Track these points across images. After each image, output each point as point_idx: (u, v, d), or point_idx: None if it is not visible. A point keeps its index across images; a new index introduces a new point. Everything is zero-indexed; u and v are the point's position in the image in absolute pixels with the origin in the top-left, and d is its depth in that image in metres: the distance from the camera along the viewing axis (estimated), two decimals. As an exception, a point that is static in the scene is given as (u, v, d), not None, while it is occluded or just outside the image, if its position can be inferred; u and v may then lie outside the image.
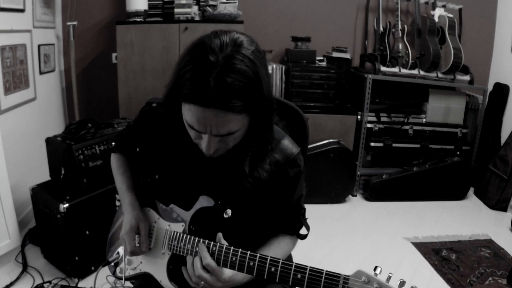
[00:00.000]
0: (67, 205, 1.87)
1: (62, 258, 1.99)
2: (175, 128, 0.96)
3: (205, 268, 0.90)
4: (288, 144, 1.00)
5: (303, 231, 1.10)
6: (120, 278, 1.11)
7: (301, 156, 1.03)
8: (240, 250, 0.91)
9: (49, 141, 2.04)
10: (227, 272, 0.91)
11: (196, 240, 0.96)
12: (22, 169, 2.38)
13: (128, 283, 1.15)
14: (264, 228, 1.07)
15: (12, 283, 1.93)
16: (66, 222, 1.88)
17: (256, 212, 1.02)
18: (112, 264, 1.11)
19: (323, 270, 0.83)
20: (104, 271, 2.06)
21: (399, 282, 0.78)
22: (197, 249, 0.94)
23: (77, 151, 1.95)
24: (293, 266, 0.86)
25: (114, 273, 1.13)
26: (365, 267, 0.82)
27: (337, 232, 2.70)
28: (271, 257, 0.88)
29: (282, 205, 1.04)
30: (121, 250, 1.11)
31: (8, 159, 2.04)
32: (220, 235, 0.95)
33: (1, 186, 1.99)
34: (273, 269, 0.87)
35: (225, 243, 0.94)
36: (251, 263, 0.89)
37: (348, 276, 0.81)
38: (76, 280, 1.99)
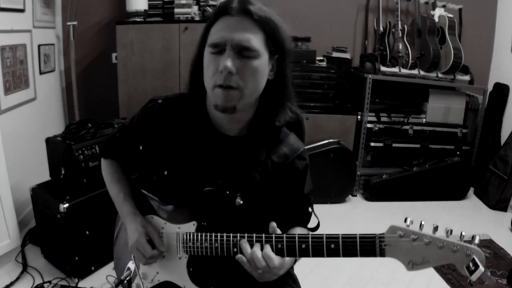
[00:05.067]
0: (67, 205, 1.87)
1: (62, 258, 1.99)
2: (186, 122, 0.99)
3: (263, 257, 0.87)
4: (294, 139, 1.05)
5: (312, 224, 1.13)
6: None
7: (306, 151, 1.06)
8: (263, 234, 0.89)
9: (49, 141, 2.04)
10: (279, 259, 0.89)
11: (213, 236, 0.92)
12: (22, 169, 2.37)
13: None
14: (275, 218, 1.05)
15: (12, 283, 1.93)
16: (66, 222, 1.88)
17: (266, 202, 1.01)
18: (125, 281, 1.04)
19: (356, 234, 0.84)
20: (104, 271, 2.07)
21: (433, 227, 0.78)
22: (216, 245, 0.92)
23: (77, 151, 1.95)
24: (324, 237, 0.86)
25: None
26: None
27: (337, 232, 2.69)
28: (298, 234, 0.87)
29: (294, 199, 1.05)
30: (131, 265, 1.05)
31: (8, 159, 2.04)
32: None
33: (1, 186, 1.99)
34: (303, 245, 0.87)
35: None
36: (279, 245, 0.87)
37: (383, 233, 0.82)
38: (76, 280, 1.99)
